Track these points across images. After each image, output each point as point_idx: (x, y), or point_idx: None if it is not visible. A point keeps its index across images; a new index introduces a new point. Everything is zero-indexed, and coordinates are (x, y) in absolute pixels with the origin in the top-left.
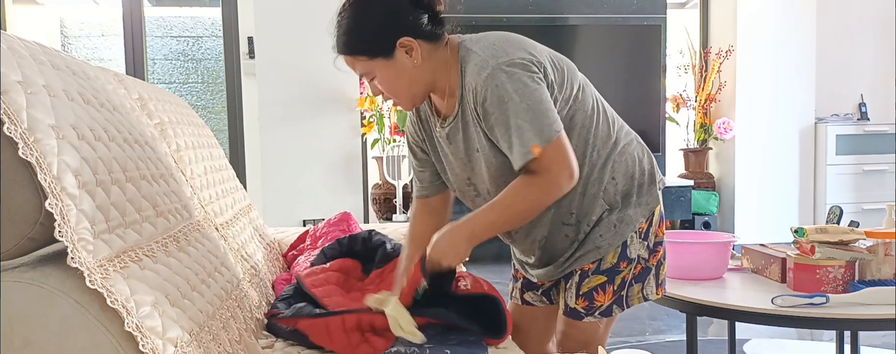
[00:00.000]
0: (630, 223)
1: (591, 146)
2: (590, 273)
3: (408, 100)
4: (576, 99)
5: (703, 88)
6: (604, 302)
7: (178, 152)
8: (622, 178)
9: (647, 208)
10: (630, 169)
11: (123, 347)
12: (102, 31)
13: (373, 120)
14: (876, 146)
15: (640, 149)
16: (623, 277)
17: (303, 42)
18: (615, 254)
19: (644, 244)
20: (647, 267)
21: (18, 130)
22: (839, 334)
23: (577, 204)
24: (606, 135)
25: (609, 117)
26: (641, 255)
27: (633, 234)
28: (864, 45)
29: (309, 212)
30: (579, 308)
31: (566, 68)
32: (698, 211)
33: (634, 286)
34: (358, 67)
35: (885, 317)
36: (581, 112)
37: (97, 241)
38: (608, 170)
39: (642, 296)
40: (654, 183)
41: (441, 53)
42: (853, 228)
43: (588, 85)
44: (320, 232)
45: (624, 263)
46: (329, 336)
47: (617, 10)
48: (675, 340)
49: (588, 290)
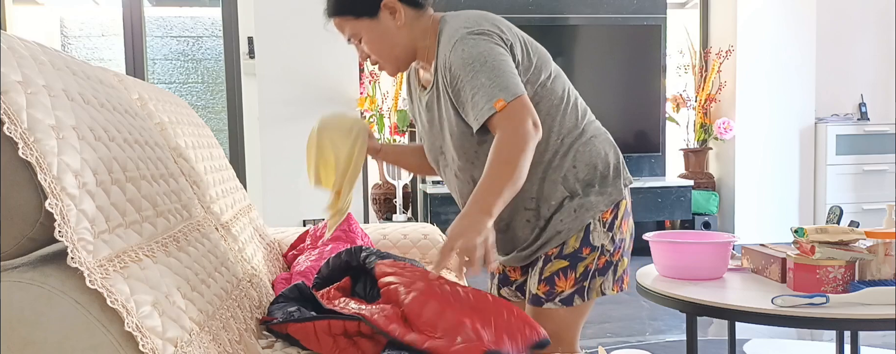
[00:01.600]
0: (591, 208)
1: (556, 133)
2: (553, 257)
3: (392, 63)
4: (543, 86)
5: (703, 88)
6: (565, 289)
7: (178, 152)
8: (584, 167)
9: (610, 198)
10: (593, 159)
11: (123, 347)
12: (102, 31)
13: (373, 120)
14: (876, 146)
15: (608, 146)
16: (586, 265)
17: (303, 42)
18: (578, 238)
19: (609, 235)
20: (610, 262)
21: (18, 130)
22: (839, 334)
23: (537, 189)
24: (573, 125)
25: (578, 109)
26: (606, 246)
27: (595, 221)
28: (864, 45)
29: (309, 212)
30: (540, 294)
31: (537, 55)
32: (698, 211)
33: (597, 278)
34: (347, 29)
35: (885, 317)
36: (547, 100)
37: (97, 241)
38: (570, 158)
39: (600, 290)
40: (618, 178)
41: (423, 22)
42: (853, 228)
43: (561, 76)
44: (320, 232)
45: (586, 249)
46: (317, 339)
47: (617, 10)
48: (675, 340)
49: (549, 275)
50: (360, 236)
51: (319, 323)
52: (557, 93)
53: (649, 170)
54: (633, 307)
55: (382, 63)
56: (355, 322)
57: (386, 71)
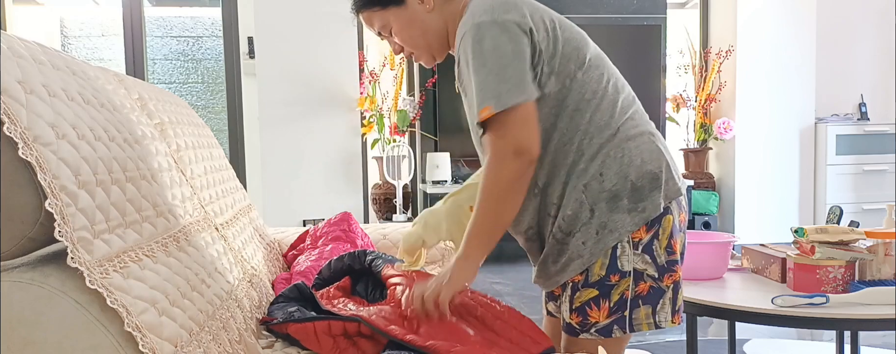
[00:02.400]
0: (615, 230)
1: (582, 132)
2: (580, 285)
3: (426, 51)
4: (572, 78)
5: (703, 88)
6: (599, 320)
7: (178, 152)
8: (613, 176)
9: (642, 216)
10: (624, 168)
11: (123, 347)
12: (102, 31)
13: (373, 120)
14: (876, 146)
15: (650, 150)
16: (621, 293)
17: (303, 42)
18: (603, 265)
19: (644, 257)
20: (659, 289)
21: (18, 130)
22: (839, 334)
23: (559, 195)
24: (604, 124)
25: (618, 106)
26: (643, 270)
27: (625, 244)
28: (864, 45)
29: (309, 212)
30: (574, 324)
31: (567, 43)
32: (698, 211)
33: (641, 308)
34: (376, 22)
35: (885, 317)
36: (576, 93)
37: (97, 241)
38: (596, 164)
39: (654, 323)
40: (657, 189)
41: (454, 6)
42: (853, 228)
43: (601, 67)
44: (320, 232)
45: (615, 276)
46: (317, 339)
47: (617, 10)
48: (675, 340)
49: (580, 305)
50: (360, 236)
51: (319, 324)
52: (590, 85)
53: None
54: None
55: (417, 52)
56: (355, 323)
57: (422, 61)
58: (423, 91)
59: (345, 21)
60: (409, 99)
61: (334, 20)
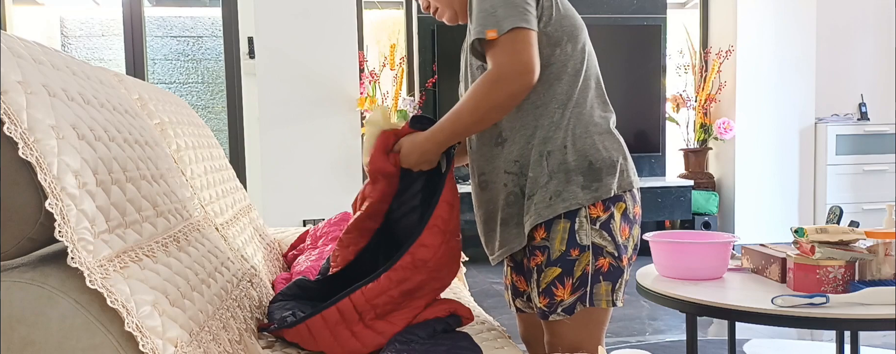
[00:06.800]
0: (567, 200)
1: (559, 102)
2: (543, 265)
3: (448, 7)
4: (562, 50)
5: (703, 88)
6: (565, 297)
7: (178, 152)
8: (575, 153)
9: (594, 194)
10: (588, 149)
11: (123, 347)
12: (102, 31)
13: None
14: (876, 146)
15: (614, 144)
16: (583, 269)
17: (303, 42)
18: (563, 241)
19: (603, 233)
20: (618, 268)
21: (18, 130)
22: (839, 334)
23: (519, 153)
24: (578, 103)
25: (591, 92)
26: (603, 246)
27: (582, 218)
28: (864, 45)
29: (309, 212)
30: (543, 307)
31: (567, 20)
32: (698, 211)
33: (602, 283)
34: None
35: (885, 317)
36: (560, 64)
37: (97, 241)
38: (563, 136)
39: (612, 300)
40: (612, 176)
41: None
42: (853, 228)
43: (589, 58)
44: (320, 232)
45: (575, 251)
46: (314, 338)
47: (617, 10)
48: (675, 340)
49: (546, 286)
50: None
51: (312, 321)
52: (574, 63)
53: (649, 170)
54: (634, 307)
55: (441, 8)
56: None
57: (444, 18)
58: (423, 91)
59: (345, 21)
60: (409, 99)
61: (334, 20)
